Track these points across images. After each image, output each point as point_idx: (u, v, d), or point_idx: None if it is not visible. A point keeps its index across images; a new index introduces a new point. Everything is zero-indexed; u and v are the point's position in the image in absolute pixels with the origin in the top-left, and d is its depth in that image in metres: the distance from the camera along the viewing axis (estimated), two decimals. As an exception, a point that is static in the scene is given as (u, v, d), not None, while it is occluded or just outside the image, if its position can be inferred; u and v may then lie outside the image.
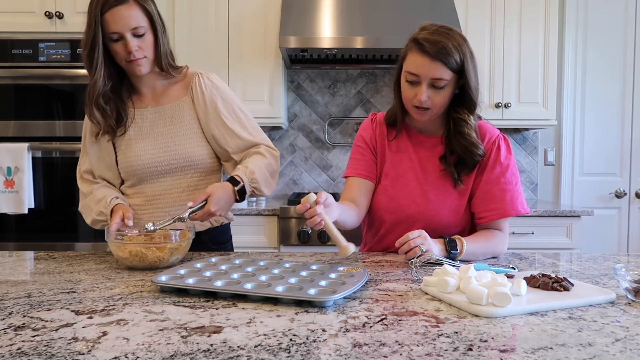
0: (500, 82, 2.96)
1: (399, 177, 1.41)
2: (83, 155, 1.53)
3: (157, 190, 1.47)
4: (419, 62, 1.25)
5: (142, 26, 1.35)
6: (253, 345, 0.71)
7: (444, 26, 1.29)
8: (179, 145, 1.45)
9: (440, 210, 1.36)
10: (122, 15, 1.32)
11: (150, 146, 1.45)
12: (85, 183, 1.51)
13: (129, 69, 1.40)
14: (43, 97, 2.55)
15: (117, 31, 1.33)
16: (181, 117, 1.47)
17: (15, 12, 2.58)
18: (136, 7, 1.34)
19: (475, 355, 0.68)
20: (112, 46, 1.36)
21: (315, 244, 2.61)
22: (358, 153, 1.46)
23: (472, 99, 1.30)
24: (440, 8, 2.77)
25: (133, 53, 1.34)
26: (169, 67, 1.44)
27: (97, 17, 1.31)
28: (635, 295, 0.93)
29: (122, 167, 1.47)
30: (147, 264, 1.18)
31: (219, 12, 2.88)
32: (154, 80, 1.48)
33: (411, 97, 1.29)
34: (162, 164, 1.45)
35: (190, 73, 1.52)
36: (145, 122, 1.47)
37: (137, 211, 1.47)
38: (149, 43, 1.38)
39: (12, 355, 0.68)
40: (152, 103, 1.49)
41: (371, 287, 1.03)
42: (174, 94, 1.49)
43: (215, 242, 1.55)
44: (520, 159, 3.34)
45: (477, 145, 1.32)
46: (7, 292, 1.00)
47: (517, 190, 1.36)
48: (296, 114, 3.29)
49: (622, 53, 3.26)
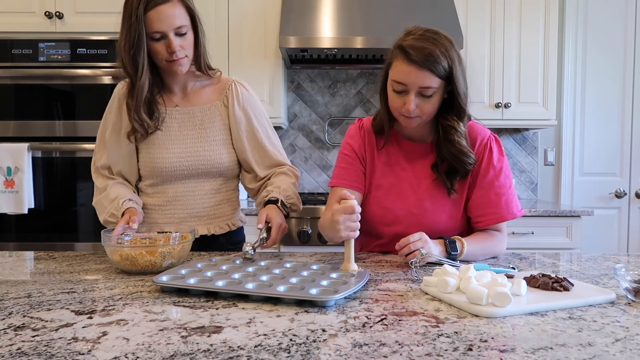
0: (500, 82, 2.96)
1: (392, 188, 1.38)
2: (100, 151, 1.50)
3: (179, 192, 1.46)
4: (406, 71, 1.20)
5: (185, 25, 1.32)
6: (253, 345, 0.71)
7: (430, 30, 1.24)
8: (208, 150, 1.44)
9: (437, 219, 1.35)
10: (167, 14, 1.29)
11: (179, 149, 1.43)
12: (101, 177, 1.49)
13: (169, 69, 1.37)
14: (43, 97, 2.55)
15: (161, 30, 1.29)
16: (212, 121, 1.46)
17: (15, 12, 2.58)
18: (179, 5, 1.31)
19: (475, 355, 0.68)
20: (152, 45, 1.32)
21: (315, 244, 2.61)
22: (346, 162, 1.41)
23: (461, 105, 1.26)
24: (440, 8, 2.77)
25: (176, 53, 1.32)
26: (206, 68, 1.43)
27: (140, 16, 1.27)
28: (635, 295, 0.93)
29: (145, 166, 1.45)
30: (139, 268, 1.15)
31: (219, 12, 2.88)
32: (187, 80, 1.46)
33: (399, 107, 1.25)
34: (189, 168, 1.44)
35: (224, 78, 1.50)
36: (173, 122, 1.45)
37: (156, 211, 1.47)
38: (190, 42, 1.35)
39: (12, 355, 0.68)
40: (181, 103, 1.47)
41: (371, 287, 1.03)
42: (205, 97, 1.48)
43: (230, 242, 1.55)
44: (520, 159, 3.34)
45: (467, 154, 1.29)
46: (7, 292, 1.00)
47: (512, 193, 1.35)
48: (296, 114, 3.29)
49: (622, 53, 3.26)
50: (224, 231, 1.52)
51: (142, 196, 1.49)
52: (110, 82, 2.52)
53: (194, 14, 1.35)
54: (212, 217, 1.50)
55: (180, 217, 1.46)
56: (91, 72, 2.53)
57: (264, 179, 1.50)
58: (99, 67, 2.54)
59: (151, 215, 1.47)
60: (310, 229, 2.61)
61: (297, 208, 1.47)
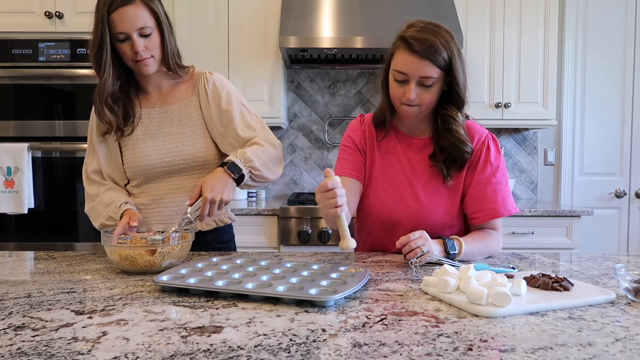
0: (500, 82, 2.96)
1: (389, 180, 1.40)
2: (90, 155, 1.51)
3: (164, 190, 1.47)
4: (407, 60, 1.25)
5: (148, 26, 1.35)
6: (253, 345, 0.71)
7: (431, 23, 1.29)
8: (187, 145, 1.45)
9: (433, 213, 1.36)
10: (129, 16, 1.32)
11: (158, 146, 1.45)
12: (92, 184, 1.49)
13: (136, 69, 1.40)
14: (43, 97, 2.55)
15: (124, 31, 1.33)
16: (188, 117, 1.47)
17: (15, 12, 2.58)
18: (142, 7, 1.34)
19: (475, 355, 0.68)
20: (119, 46, 1.36)
21: (316, 244, 2.61)
22: (347, 153, 1.44)
23: (460, 96, 1.30)
24: (440, 8, 2.77)
25: (140, 53, 1.35)
26: (176, 67, 1.44)
27: (104, 17, 1.31)
28: (635, 295, 0.93)
29: (128, 166, 1.47)
30: (139, 268, 1.15)
31: (219, 12, 2.88)
32: (160, 80, 1.48)
33: (400, 96, 1.29)
34: (170, 164, 1.45)
35: (197, 73, 1.52)
36: (152, 122, 1.47)
37: (143, 210, 1.47)
38: (155, 43, 1.38)
39: (12, 355, 0.68)
40: (159, 103, 1.49)
41: (371, 287, 1.03)
42: (180, 94, 1.49)
43: (219, 241, 1.56)
44: (520, 159, 3.34)
45: (465, 142, 1.32)
46: (7, 292, 1.00)
47: (507, 191, 1.38)
48: (296, 114, 3.29)
49: (622, 53, 3.26)
50: (211, 227, 1.52)
51: (130, 197, 1.50)
52: (110, 82, 2.52)
53: (158, 14, 1.37)
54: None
55: (166, 214, 1.47)
56: (91, 72, 2.51)
57: None
58: (99, 67, 2.54)
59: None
60: (310, 229, 2.61)
61: (261, 174, 1.38)
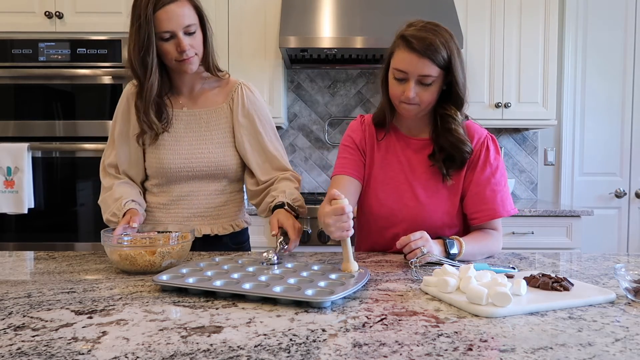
0: (500, 82, 2.96)
1: (388, 180, 1.40)
2: (109, 149, 1.51)
3: (184, 192, 1.47)
4: (407, 59, 1.25)
5: (193, 24, 1.33)
6: (253, 345, 0.71)
7: (431, 22, 1.29)
8: (213, 152, 1.45)
9: (433, 213, 1.36)
10: (176, 14, 1.29)
11: (184, 150, 1.44)
12: (107, 177, 1.49)
13: (179, 68, 1.37)
14: (43, 97, 2.55)
15: (170, 30, 1.30)
16: (217, 124, 1.46)
17: (15, 12, 2.58)
18: (188, 4, 1.32)
19: (475, 355, 0.68)
20: (162, 45, 1.32)
21: (316, 244, 2.61)
22: (347, 153, 1.44)
23: (459, 95, 1.30)
24: (440, 8, 2.77)
25: (186, 52, 1.32)
26: (214, 68, 1.44)
27: (148, 16, 1.27)
28: (635, 295, 0.93)
29: (151, 166, 1.46)
30: (138, 267, 1.15)
31: (219, 12, 2.88)
32: (194, 81, 1.46)
33: (399, 94, 1.29)
34: (194, 169, 1.44)
35: (232, 81, 1.51)
36: (179, 123, 1.45)
37: (160, 210, 1.47)
38: (199, 41, 1.36)
39: (12, 355, 0.68)
40: (188, 104, 1.47)
41: (371, 287, 1.03)
42: (212, 99, 1.48)
43: (235, 242, 1.56)
44: (520, 159, 3.34)
45: (464, 142, 1.32)
46: (7, 292, 1.00)
47: (506, 191, 1.38)
48: (296, 113, 3.29)
49: (622, 53, 3.26)
50: (228, 232, 1.52)
51: (148, 195, 1.50)
52: (110, 82, 2.52)
53: (202, 12, 1.36)
54: (216, 218, 1.50)
55: (184, 216, 1.47)
56: (91, 72, 2.52)
57: (265, 183, 1.49)
58: (98, 67, 2.54)
59: (156, 214, 1.48)
60: (310, 229, 2.61)
61: (304, 211, 1.46)
